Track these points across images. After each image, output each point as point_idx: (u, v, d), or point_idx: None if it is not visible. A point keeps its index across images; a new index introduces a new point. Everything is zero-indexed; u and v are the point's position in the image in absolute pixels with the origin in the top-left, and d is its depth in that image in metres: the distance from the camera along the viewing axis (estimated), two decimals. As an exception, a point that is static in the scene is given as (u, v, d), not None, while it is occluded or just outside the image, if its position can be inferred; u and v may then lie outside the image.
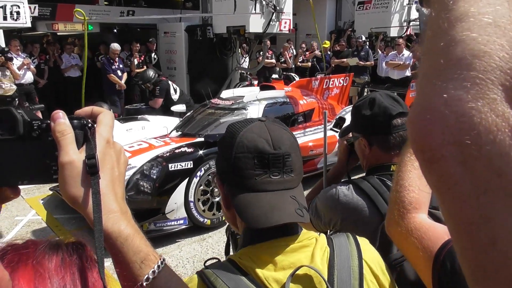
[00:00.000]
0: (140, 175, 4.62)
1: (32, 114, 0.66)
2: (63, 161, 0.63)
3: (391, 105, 1.54)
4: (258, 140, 0.97)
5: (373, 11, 14.26)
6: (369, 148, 1.59)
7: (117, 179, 0.68)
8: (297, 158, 1.01)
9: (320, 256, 0.96)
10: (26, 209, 5.73)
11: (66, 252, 0.62)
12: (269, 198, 0.94)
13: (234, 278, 0.91)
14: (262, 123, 1.02)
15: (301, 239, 0.99)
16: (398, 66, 10.85)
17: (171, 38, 10.95)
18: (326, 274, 0.94)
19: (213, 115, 6.27)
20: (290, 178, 0.98)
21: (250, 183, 0.96)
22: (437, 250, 0.96)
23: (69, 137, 0.64)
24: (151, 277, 0.66)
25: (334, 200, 1.52)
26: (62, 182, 0.64)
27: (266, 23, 7.90)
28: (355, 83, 10.61)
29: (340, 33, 15.00)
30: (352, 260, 0.97)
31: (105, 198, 0.65)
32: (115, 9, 12.81)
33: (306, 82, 7.94)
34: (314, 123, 7.03)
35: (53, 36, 12.26)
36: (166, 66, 11.25)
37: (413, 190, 1.07)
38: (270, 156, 0.95)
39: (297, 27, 15.66)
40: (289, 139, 1.01)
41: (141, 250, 0.67)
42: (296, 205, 0.95)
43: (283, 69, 12.36)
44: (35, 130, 0.64)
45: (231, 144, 0.99)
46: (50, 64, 10.55)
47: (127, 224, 0.67)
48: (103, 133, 0.68)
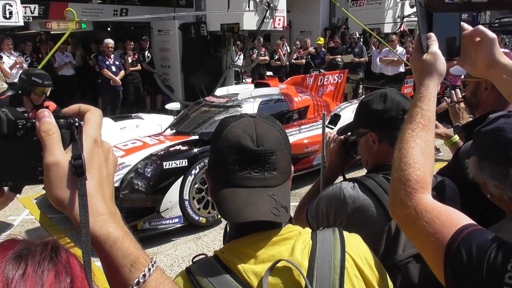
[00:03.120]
0: (134, 173, 4.60)
1: (17, 113, 0.63)
2: (48, 161, 0.61)
3: (403, 100, 1.53)
4: (242, 135, 0.97)
5: (366, 7, 14.26)
6: (379, 143, 1.54)
7: (105, 179, 0.66)
8: (283, 157, 1.00)
9: (301, 249, 0.96)
10: (20, 208, 5.69)
11: (32, 265, 0.55)
12: (246, 195, 0.94)
13: (217, 274, 0.92)
14: (251, 119, 1.02)
15: (283, 232, 0.98)
16: (392, 62, 10.87)
17: (165, 36, 10.89)
18: (306, 267, 0.93)
19: (208, 112, 6.26)
20: (272, 176, 0.97)
21: (230, 178, 0.97)
22: (451, 236, 0.91)
23: (54, 136, 0.62)
24: (141, 281, 0.64)
25: (339, 199, 1.46)
26: (48, 183, 0.62)
27: (260, 20, 7.88)
28: (349, 80, 10.62)
29: (334, 30, 14.99)
30: (335, 254, 0.95)
31: (92, 199, 0.63)
32: (108, 8, 12.73)
33: (301, 79, 7.93)
34: (309, 120, 7.03)
35: (46, 34, 12.17)
36: (160, 64, 11.20)
37: (418, 167, 1.01)
38: (251, 152, 0.96)
39: (291, 24, 15.64)
40: (277, 137, 1.00)
41: (130, 253, 0.64)
42: (273, 203, 0.93)
43: (276, 67, 12.34)
44: (20, 130, 0.62)
45: (218, 138, 1.00)
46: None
47: (116, 226, 0.64)
48: (90, 132, 0.66)
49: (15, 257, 0.55)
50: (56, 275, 0.56)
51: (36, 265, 0.56)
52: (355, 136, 1.68)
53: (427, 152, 1.04)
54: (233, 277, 0.91)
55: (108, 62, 9.60)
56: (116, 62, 9.83)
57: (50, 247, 0.59)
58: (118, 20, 12.97)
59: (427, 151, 1.04)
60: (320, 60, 12.85)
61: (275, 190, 0.97)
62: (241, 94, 6.42)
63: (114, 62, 9.72)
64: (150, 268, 0.66)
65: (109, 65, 9.60)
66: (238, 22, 7.96)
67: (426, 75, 1.10)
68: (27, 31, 11.85)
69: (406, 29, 14.02)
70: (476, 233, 0.91)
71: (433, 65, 1.09)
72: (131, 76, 10.39)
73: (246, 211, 0.92)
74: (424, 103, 1.07)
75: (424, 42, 1.12)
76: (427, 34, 1.12)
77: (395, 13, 14.06)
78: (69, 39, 12.61)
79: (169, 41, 10.75)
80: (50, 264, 0.56)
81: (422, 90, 1.09)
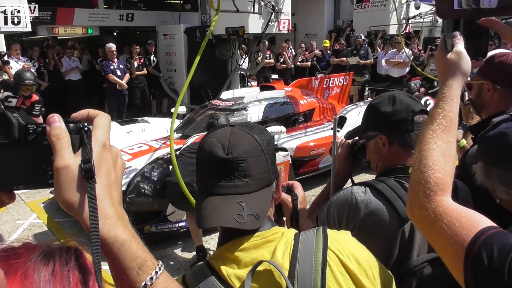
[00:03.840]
0: (140, 177, 4.62)
1: (28, 118, 0.65)
2: (58, 165, 0.62)
3: (412, 102, 1.51)
4: (215, 144, 1.00)
5: (371, 9, 14.24)
6: (389, 146, 1.52)
7: (113, 183, 0.67)
8: (258, 164, 1.00)
9: (282, 250, 0.96)
10: (27, 212, 5.73)
11: (59, 263, 0.59)
12: (215, 202, 0.97)
13: (205, 279, 0.95)
14: (229, 128, 1.04)
15: (266, 235, 0.99)
16: (398, 64, 10.84)
17: (171, 40, 10.94)
18: (287, 268, 0.93)
19: (214, 116, 6.26)
20: (242, 183, 0.98)
21: (206, 186, 1.01)
22: (471, 239, 0.88)
23: (64, 141, 0.63)
24: (148, 284, 0.65)
25: (351, 204, 1.44)
26: (57, 187, 0.63)
27: (265, 23, 7.88)
28: (355, 82, 10.61)
29: (339, 32, 14.99)
30: (316, 252, 0.95)
31: (101, 203, 0.64)
32: (115, 13, 12.82)
33: (306, 81, 7.93)
34: (315, 122, 7.02)
35: (53, 40, 12.28)
36: (165, 68, 11.24)
37: (438, 170, 0.99)
38: (220, 160, 0.98)
39: (296, 27, 15.64)
40: (250, 144, 1.00)
41: (138, 256, 0.65)
42: (239, 210, 0.94)
43: (282, 69, 12.35)
44: (30, 134, 0.63)
45: (199, 148, 1.05)
46: (50, 68, 10.56)
47: (124, 229, 0.66)
48: (99, 136, 0.67)
49: (43, 256, 0.58)
50: (80, 273, 0.59)
51: (63, 263, 0.58)
52: (364, 140, 1.66)
53: (448, 154, 1.02)
54: (219, 281, 0.94)
55: (113, 67, 9.60)
56: (121, 66, 9.83)
57: (73, 249, 0.61)
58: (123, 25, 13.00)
59: (448, 153, 1.02)
60: (326, 63, 12.84)
61: (246, 197, 0.97)
62: (247, 97, 6.42)
63: (118, 66, 9.72)
64: (157, 271, 0.67)
65: (113, 69, 9.60)
66: (243, 26, 7.97)
67: (450, 75, 1.08)
68: (34, 36, 11.96)
69: (411, 31, 13.99)
70: (498, 235, 0.89)
71: (457, 64, 1.07)
72: (137, 80, 10.44)
73: (211, 218, 0.95)
74: (447, 104, 1.05)
75: (449, 40, 1.09)
76: (452, 33, 1.09)
77: (400, 15, 14.03)
78: (76, 44, 12.73)
79: (175, 45, 10.80)
80: (75, 263, 0.59)
81: (445, 90, 1.07)
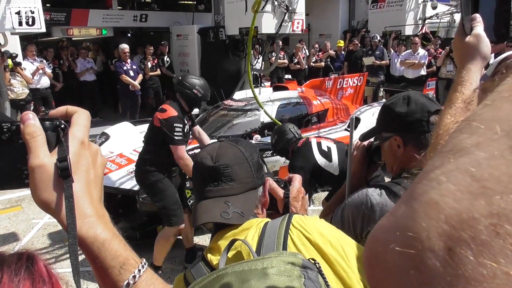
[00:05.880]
0: (153, 177, 4.60)
1: (3, 116, 0.63)
2: (33, 164, 0.60)
3: (428, 102, 1.47)
4: (205, 156, 1.18)
5: (387, 9, 14.10)
6: (404, 147, 1.48)
7: (93, 181, 0.65)
8: (241, 169, 1.16)
9: (252, 234, 1.08)
10: (43, 212, 5.72)
11: (7, 274, 0.55)
12: (205, 204, 1.14)
13: (196, 266, 1.09)
14: (218, 143, 1.23)
15: (244, 225, 1.12)
16: (413, 65, 10.69)
17: (184, 41, 10.98)
18: (255, 245, 1.04)
19: (226, 116, 6.25)
20: (229, 187, 1.14)
21: (199, 193, 1.17)
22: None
23: (39, 139, 0.61)
24: (131, 282, 0.64)
25: (367, 207, 1.42)
26: (33, 186, 0.61)
27: (279, 23, 7.84)
28: (369, 83, 10.50)
29: (354, 32, 14.87)
30: (280, 229, 1.04)
31: (79, 202, 0.62)
32: (128, 13, 12.92)
33: (320, 82, 7.87)
34: (328, 123, 6.96)
35: (68, 41, 12.43)
36: (179, 68, 11.29)
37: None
38: (209, 168, 1.15)
39: (310, 28, 15.58)
40: (235, 153, 1.18)
41: (120, 255, 0.64)
42: (226, 208, 1.10)
43: (295, 70, 12.30)
44: (4, 133, 0.62)
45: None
46: (64, 69, 10.67)
47: (104, 228, 0.64)
48: (77, 134, 0.65)
49: None
50: (33, 284, 0.56)
51: (12, 274, 0.55)
52: (379, 141, 1.63)
53: None
54: (207, 266, 1.07)
55: (126, 68, 9.64)
56: (134, 66, 9.87)
57: (25, 257, 0.58)
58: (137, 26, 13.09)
59: None
60: (340, 63, 12.75)
61: (232, 198, 1.13)
62: (260, 97, 6.39)
63: (131, 67, 9.76)
64: (140, 269, 0.65)
65: (126, 70, 9.63)
66: (256, 26, 7.95)
67: (469, 59, 1.04)
68: (49, 38, 12.12)
69: (428, 31, 13.81)
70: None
71: (476, 47, 1.03)
72: (151, 81, 10.49)
73: (202, 217, 1.11)
74: (465, 88, 1.02)
75: (467, 24, 1.05)
76: (472, 16, 1.05)
77: (417, 15, 13.87)
78: (90, 45, 12.86)
79: (188, 46, 10.84)
80: (26, 273, 0.56)
81: (463, 74, 1.04)
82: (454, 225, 0.28)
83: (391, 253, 0.31)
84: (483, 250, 0.26)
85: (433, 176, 0.31)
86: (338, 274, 0.95)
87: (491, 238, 0.26)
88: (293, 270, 0.82)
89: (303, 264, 0.84)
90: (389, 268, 0.31)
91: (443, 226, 0.28)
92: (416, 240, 0.29)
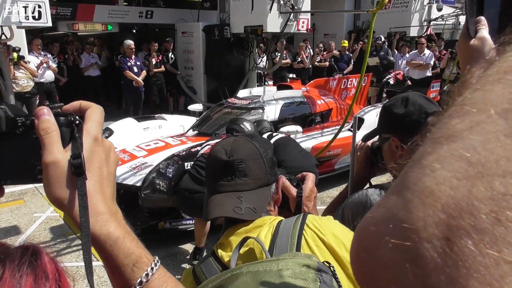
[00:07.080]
0: (156, 173, 4.62)
1: (17, 110, 0.62)
2: (47, 161, 0.60)
3: (426, 104, 1.48)
4: (220, 150, 1.17)
5: (392, 10, 14.07)
6: (402, 148, 1.49)
7: (105, 178, 0.65)
8: (256, 165, 1.15)
9: (266, 231, 1.08)
10: (45, 205, 5.80)
11: (10, 269, 0.54)
12: (218, 198, 1.13)
13: (206, 261, 1.10)
14: (233, 138, 1.22)
15: (257, 222, 1.11)
16: (419, 66, 10.67)
17: (189, 38, 10.97)
18: (268, 244, 1.03)
19: (230, 114, 6.25)
20: (242, 182, 1.13)
21: (212, 187, 1.17)
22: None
23: (53, 135, 0.60)
24: (144, 280, 0.63)
25: (366, 207, 1.44)
26: (46, 183, 0.60)
27: (284, 22, 7.84)
28: (373, 83, 10.48)
29: (359, 33, 14.83)
30: (294, 228, 1.04)
31: (92, 199, 0.61)
32: (134, 10, 12.93)
33: (324, 82, 7.86)
34: (331, 123, 6.95)
35: (73, 36, 12.44)
36: (183, 65, 11.28)
37: None
38: (223, 162, 1.14)
39: (315, 27, 15.54)
40: (250, 149, 1.17)
41: (132, 253, 0.63)
42: (239, 203, 1.10)
43: (299, 69, 12.29)
44: (19, 127, 0.61)
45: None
46: (69, 63, 10.70)
47: (117, 225, 0.63)
48: (91, 130, 0.64)
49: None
50: (35, 280, 0.54)
51: (15, 269, 0.54)
52: (379, 142, 1.64)
53: None
54: (217, 261, 1.07)
55: (130, 64, 9.66)
56: (138, 62, 9.89)
57: (30, 251, 0.57)
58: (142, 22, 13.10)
59: None
60: (345, 63, 12.73)
61: (245, 194, 1.12)
62: (264, 96, 6.40)
63: (135, 63, 9.78)
64: (153, 267, 0.64)
65: (130, 66, 9.66)
66: (261, 25, 7.94)
67: (473, 62, 1.01)
68: (54, 32, 12.14)
69: (433, 33, 13.77)
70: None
71: (480, 51, 1.01)
72: (155, 77, 10.50)
73: (214, 211, 1.10)
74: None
75: (472, 26, 1.04)
76: (476, 18, 1.03)
77: (422, 17, 13.83)
78: (95, 41, 12.88)
79: (193, 43, 10.82)
80: (29, 268, 0.55)
81: (467, 78, 1.04)
82: (452, 214, 0.26)
83: (384, 247, 0.29)
84: (484, 239, 0.25)
85: (426, 163, 0.29)
86: (351, 277, 0.94)
87: (492, 226, 0.25)
88: (308, 273, 0.81)
89: (318, 267, 0.84)
90: (382, 263, 0.29)
91: (440, 216, 0.26)
92: (411, 232, 0.27)
